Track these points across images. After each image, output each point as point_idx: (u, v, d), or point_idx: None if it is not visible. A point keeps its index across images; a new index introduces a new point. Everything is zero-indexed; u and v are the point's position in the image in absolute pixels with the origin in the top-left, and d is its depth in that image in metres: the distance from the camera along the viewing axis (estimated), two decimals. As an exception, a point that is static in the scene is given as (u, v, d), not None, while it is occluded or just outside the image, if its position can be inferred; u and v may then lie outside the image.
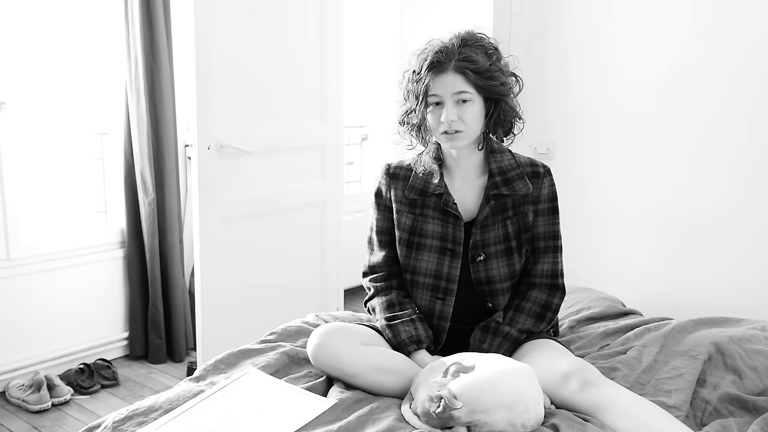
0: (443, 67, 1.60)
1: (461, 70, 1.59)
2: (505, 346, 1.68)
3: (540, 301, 1.72)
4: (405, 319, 1.69)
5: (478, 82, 1.59)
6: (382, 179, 1.80)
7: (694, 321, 1.96)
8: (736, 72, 2.34)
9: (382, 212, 1.79)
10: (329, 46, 2.97)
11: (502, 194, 1.69)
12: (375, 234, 1.81)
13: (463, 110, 1.60)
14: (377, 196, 1.80)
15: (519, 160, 1.73)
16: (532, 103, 2.77)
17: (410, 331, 1.67)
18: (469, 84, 1.59)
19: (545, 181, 1.72)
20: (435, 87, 1.61)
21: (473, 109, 1.61)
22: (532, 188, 1.70)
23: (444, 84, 1.60)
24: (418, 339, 1.67)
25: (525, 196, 1.70)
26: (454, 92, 1.60)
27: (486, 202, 1.69)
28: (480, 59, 1.60)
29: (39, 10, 2.71)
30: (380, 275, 1.79)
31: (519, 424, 1.36)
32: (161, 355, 3.01)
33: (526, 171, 1.72)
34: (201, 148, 2.53)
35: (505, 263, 1.70)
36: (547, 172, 1.74)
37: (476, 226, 1.69)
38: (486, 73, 1.60)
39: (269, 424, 1.41)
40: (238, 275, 2.74)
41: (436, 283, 1.71)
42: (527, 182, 1.70)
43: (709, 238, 2.45)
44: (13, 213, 2.66)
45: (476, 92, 1.61)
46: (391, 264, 1.79)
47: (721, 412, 1.55)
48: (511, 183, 1.69)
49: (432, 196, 1.72)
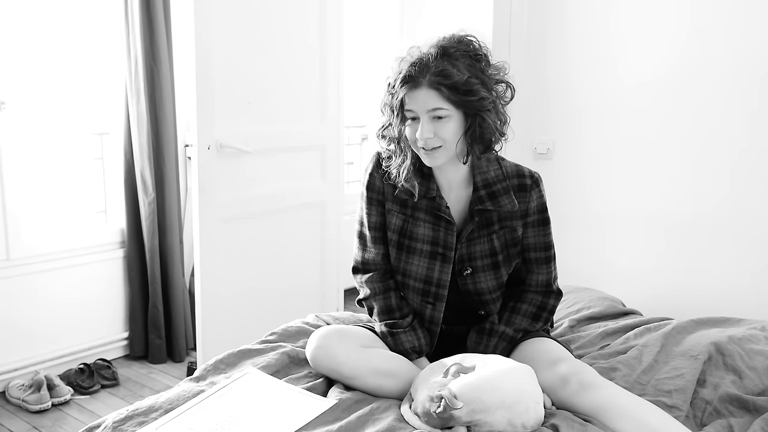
0: (417, 82, 1.50)
1: (435, 85, 1.49)
2: (502, 346, 1.67)
3: (536, 302, 1.72)
4: (406, 328, 1.68)
5: (453, 97, 1.49)
6: (374, 170, 1.70)
7: (694, 321, 1.96)
8: (736, 71, 2.34)
9: (374, 206, 1.70)
10: (329, 46, 2.97)
11: (487, 209, 1.63)
12: (367, 230, 1.72)
13: (439, 127, 1.52)
14: (368, 189, 1.70)
15: (506, 171, 1.65)
16: (532, 103, 2.77)
17: (412, 341, 1.67)
18: (444, 100, 1.50)
19: (533, 194, 1.65)
20: (410, 102, 1.52)
21: (449, 126, 1.52)
22: (518, 204, 1.64)
23: (418, 100, 1.51)
24: (420, 349, 1.68)
25: (511, 211, 1.64)
26: (428, 109, 1.51)
27: (471, 217, 1.64)
28: (456, 73, 1.49)
29: (39, 10, 2.71)
30: (375, 274, 1.72)
31: (519, 424, 1.37)
32: (161, 355, 3.01)
33: (512, 184, 1.64)
34: (201, 148, 2.53)
35: (493, 276, 1.67)
36: (534, 183, 1.65)
37: (461, 240, 1.65)
38: (462, 87, 1.49)
39: (269, 424, 1.41)
40: (238, 275, 2.74)
41: (426, 288, 1.68)
42: (512, 198, 1.63)
43: (709, 238, 2.45)
44: (13, 213, 2.66)
45: (453, 107, 1.51)
46: (387, 262, 1.72)
47: (721, 412, 1.55)
48: (496, 197, 1.63)
49: (423, 198, 1.65)
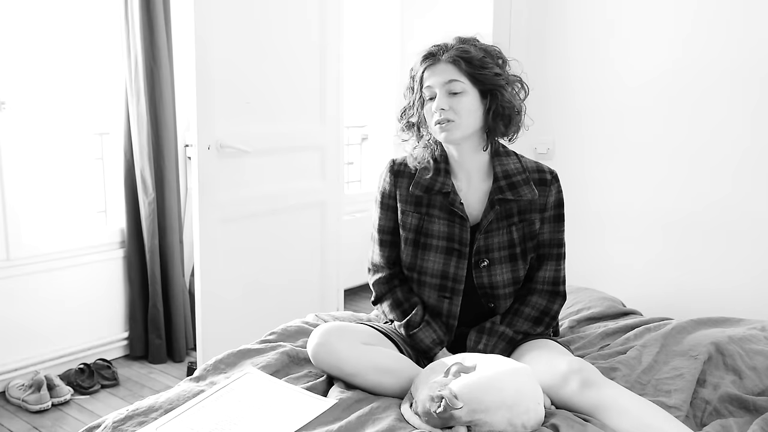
0: (436, 58, 1.62)
1: (453, 59, 1.60)
2: (501, 346, 1.68)
3: (539, 306, 1.72)
4: (420, 324, 1.70)
5: (469, 70, 1.59)
6: (387, 177, 1.76)
7: (694, 321, 1.96)
8: (737, 71, 2.33)
9: (385, 211, 1.77)
10: (329, 46, 2.97)
11: (507, 199, 1.67)
12: (377, 233, 1.79)
13: (455, 101, 1.60)
14: (382, 195, 1.78)
15: (525, 165, 1.71)
16: (532, 103, 2.77)
17: (430, 335, 1.70)
18: (462, 73, 1.59)
19: (552, 188, 1.70)
20: (428, 78, 1.62)
21: (465, 101, 1.60)
22: (539, 195, 1.68)
23: (436, 74, 1.61)
24: (440, 339, 1.70)
25: (531, 202, 1.68)
26: (445, 81, 1.60)
27: (490, 207, 1.67)
28: (474, 51, 1.60)
29: (39, 11, 2.71)
30: (383, 276, 1.78)
31: (519, 425, 1.37)
32: (161, 355, 3.01)
33: (532, 177, 1.69)
34: (201, 148, 2.53)
35: (509, 269, 1.69)
36: (554, 178, 1.71)
37: (480, 231, 1.67)
38: (478, 62, 1.59)
39: (269, 424, 1.41)
40: (238, 275, 2.74)
41: (443, 283, 1.70)
42: (533, 188, 1.67)
43: (709, 238, 2.45)
44: (13, 213, 2.66)
45: (470, 83, 1.60)
46: (392, 266, 1.78)
47: (721, 412, 1.55)
48: (516, 188, 1.67)
49: (438, 194, 1.69)
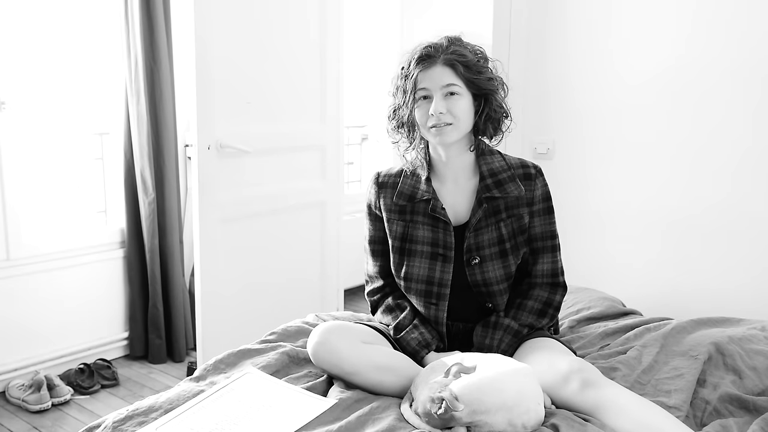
0: (432, 60, 1.60)
1: (450, 62, 1.59)
2: (507, 339, 1.68)
3: (542, 298, 1.73)
4: (408, 327, 1.71)
5: (466, 75, 1.60)
6: (372, 189, 1.80)
7: (694, 321, 1.96)
8: (738, 71, 2.33)
9: (372, 222, 1.80)
10: (329, 46, 2.97)
11: (494, 197, 1.69)
12: (368, 244, 1.82)
13: (452, 103, 1.60)
14: (368, 207, 1.81)
15: (509, 162, 1.73)
16: (532, 103, 2.77)
17: (417, 337, 1.70)
18: (458, 77, 1.60)
19: (538, 182, 1.72)
20: (423, 80, 1.61)
21: (461, 103, 1.61)
22: (525, 190, 1.70)
23: (433, 77, 1.60)
24: (426, 342, 1.69)
25: (518, 198, 1.69)
26: (442, 85, 1.59)
27: (478, 205, 1.68)
28: (469, 54, 1.62)
29: (39, 11, 2.71)
30: (377, 287, 1.82)
31: (519, 425, 1.37)
32: (161, 355, 3.01)
33: (517, 173, 1.71)
34: (201, 148, 2.53)
35: (501, 265, 1.69)
36: (538, 172, 1.73)
37: (470, 230, 1.68)
38: (474, 67, 1.61)
39: (269, 424, 1.41)
40: (238, 275, 2.74)
41: (429, 288, 1.70)
42: (519, 184, 1.69)
43: (709, 238, 2.45)
44: (13, 213, 2.66)
45: (465, 86, 1.61)
46: (385, 276, 1.81)
47: (721, 412, 1.55)
48: (502, 185, 1.69)
49: (420, 201, 1.71)
